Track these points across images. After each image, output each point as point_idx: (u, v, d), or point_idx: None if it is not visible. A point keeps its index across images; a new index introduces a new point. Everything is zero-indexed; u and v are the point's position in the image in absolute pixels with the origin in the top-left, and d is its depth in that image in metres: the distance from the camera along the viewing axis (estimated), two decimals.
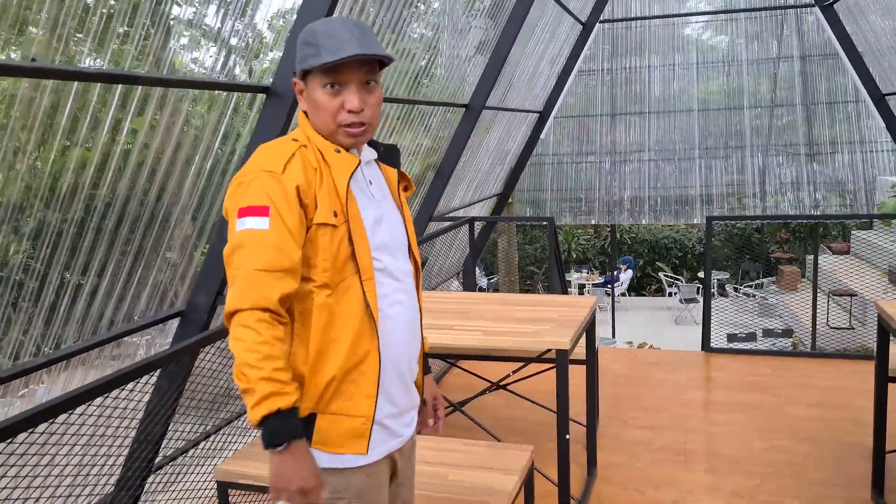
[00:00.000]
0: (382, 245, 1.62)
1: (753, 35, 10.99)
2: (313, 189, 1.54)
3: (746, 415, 4.32)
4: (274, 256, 1.47)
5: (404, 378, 1.66)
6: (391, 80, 5.40)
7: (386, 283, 1.61)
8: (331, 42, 1.53)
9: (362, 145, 1.67)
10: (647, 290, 17.89)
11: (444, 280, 7.44)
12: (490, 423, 4.31)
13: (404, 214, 1.74)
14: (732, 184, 11.13)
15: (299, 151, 1.56)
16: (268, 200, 1.49)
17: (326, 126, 1.58)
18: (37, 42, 2.84)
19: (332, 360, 1.54)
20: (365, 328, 1.56)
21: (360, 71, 1.56)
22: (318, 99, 1.57)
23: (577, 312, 3.37)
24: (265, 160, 1.54)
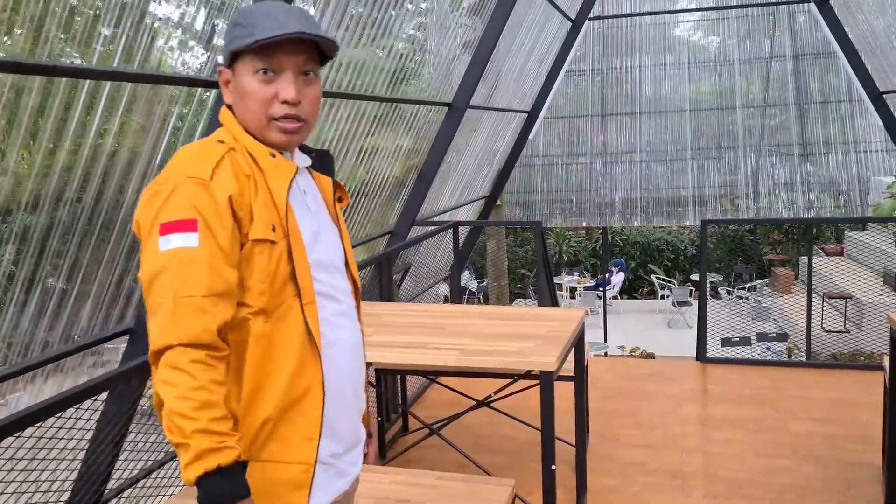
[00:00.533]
0: (321, 263, 1.41)
1: (745, 34, 10.80)
2: (247, 199, 1.31)
3: (746, 431, 4.06)
4: (208, 279, 1.23)
5: (351, 411, 1.45)
6: (371, 77, 5.14)
7: (327, 306, 1.39)
8: (268, 22, 1.31)
9: (295, 148, 1.44)
10: (639, 293, 17.68)
11: (431, 285, 7.18)
12: (472, 442, 4.04)
13: (340, 228, 1.52)
14: (725, 185, 10.93)
15: (228, 155, 1.33)
16: (195, 213, 1.25)
17: (255, 120, 1.35)
18: (21, 44, 2.77)
19: (268, 399, 1.31)
20: (306, 359, 1.34)
21: (299, 58, 1.34)
22: (247, 87, 1.34)
23: (564, 328, 3.10)
24: (188, 165, 1.29)
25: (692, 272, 17.20)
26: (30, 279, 2.64)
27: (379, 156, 5.47)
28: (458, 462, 3.71)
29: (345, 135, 4.94)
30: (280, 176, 1.35)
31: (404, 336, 3.14)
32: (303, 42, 1.33)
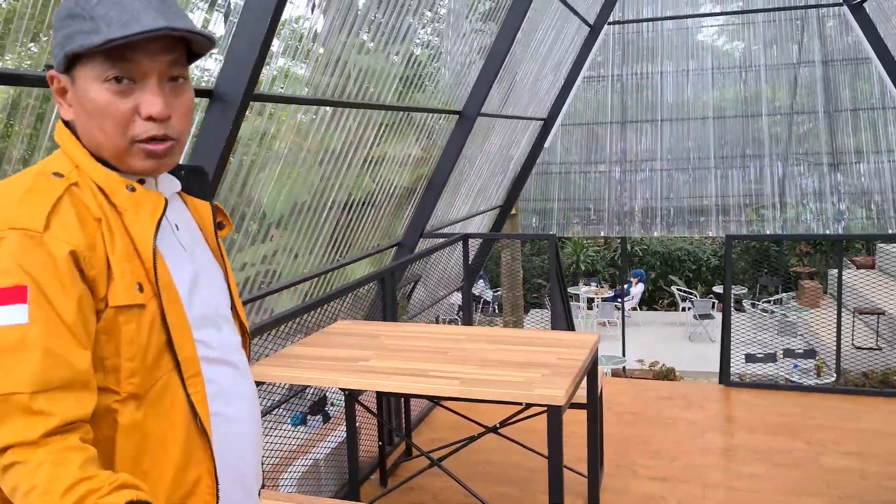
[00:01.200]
0: (204, 318, 1.11)
1: (772, 39, 10.48)
2: (100, 253, 0.99)
3: (773, 465, 3.77)
4: (41, 367, 0.91)
5: (249, 492, 1.19)
6: (381, 84, 4.93)
7: (218, 374, 1.11)
8: (114, 11, 0.99)
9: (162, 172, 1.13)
10: (659, 305, 17.29)
11: (445, 295, 6.94)
12: (479, 469, 3.80)
13: (224, 263, 1.22)
14: (750, 194, 10.59)
15: (68, 195, 1.00)
16: (24, 277, 0.93)
17: (112, 142, 1.03)
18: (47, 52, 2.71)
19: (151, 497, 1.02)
20: (193, 447, 1.05)
21: (164, 60, 1.03)
22: (96, 100, 1.01)
23: (575, 355, 2.85)
24: (14, 210, 0.96)
25: (715, 284, 16.78)
26: None
27: (387, 164, 5.25)
28: (463, 491, 3.47)
29: (351, 144, 4.73)
30: (144, 216, 1.04)
31: (404, 362, 2.92)
32: (167, 39, 1.03)
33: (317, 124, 4.50)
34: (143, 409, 1.01)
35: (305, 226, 4.66)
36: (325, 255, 5.03)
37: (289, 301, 4.73)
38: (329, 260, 5.06)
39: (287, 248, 4.77)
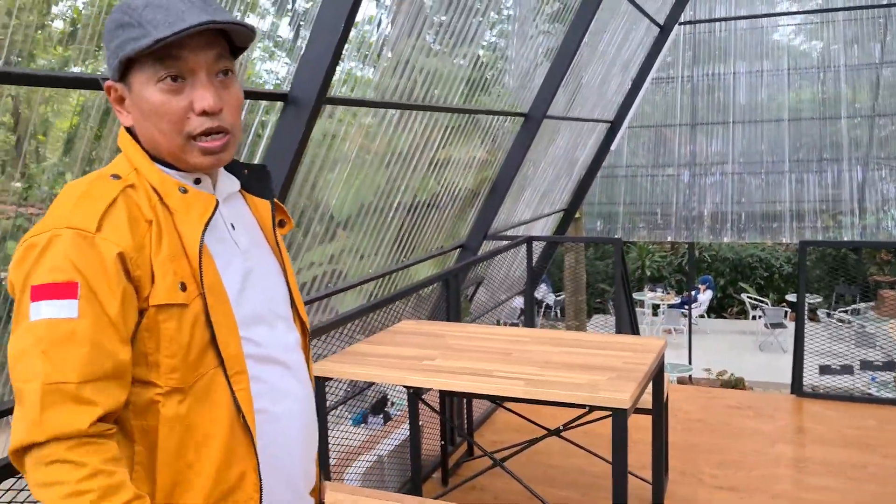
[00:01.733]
0: (256, 317, 1.14)
1: (852, 38, 10.08)
2: (146, 255, 1.04)
3: (847, 479, 3.63)
4: (89, 359, 0.97)
5: (298, 496, 1.20)
6: (447, 87, 4.99)
7: (266, 372, 1.14)
8: (160, 15, 1.03)
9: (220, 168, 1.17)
10: (727, 313, 16.82)
11: (506, 299, 6.95)
12: (541, 472, 3.79)
13: (283, 260, 1.24)
14: (827, 199, 10.21)
15: (123, 196, 1.05)
16: (75, 274, 0.98)
17: (169, 142, 1.08)
18: None
19: (191, 497, 1.06)
20: (237, 443, 1.08)
21: (210, 54, 1.07)
22: (151, 101, 1.06)
23: (641, 359, 2.83)
24: (71, 210, 1.02)
25: (787, 292, 16.20)
26: None
27: (452, 167, 5.30)
28: (525, 493, 3.48)
29: (417, 146, 4.80)
30: (194, 217, 1.08)
31: (469, 362, 2.95)
32: (211, 34, 1.07)
33: (384, 127, 4.59)
34: (186, 403, 1.05)
35: (371, 227, 4.75)
36: (390, 256, 5.12)
37: (353, 301, 4.83)
38: (394, 260, 5.15)
39: (353, 248, 4.88)
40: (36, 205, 3.10)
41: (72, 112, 3.04)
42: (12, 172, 2.91)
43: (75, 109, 3.02)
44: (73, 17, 2.91)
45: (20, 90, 2.77)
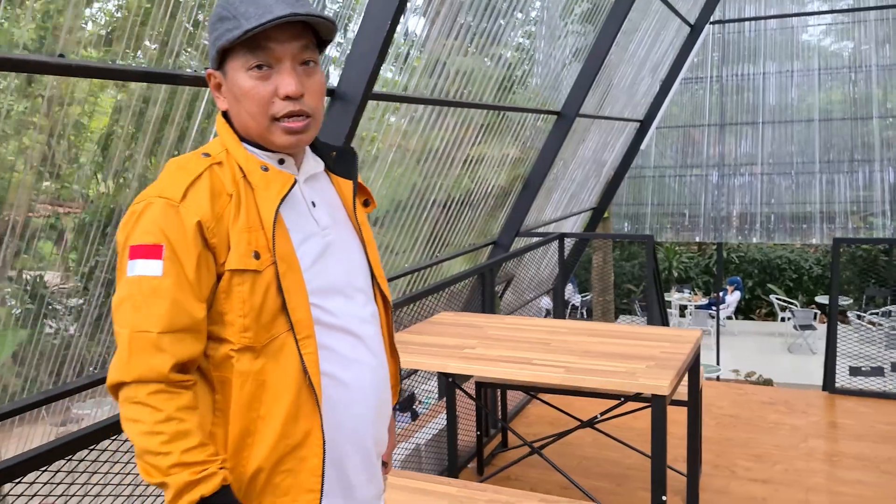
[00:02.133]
0: (329, 287, 1.23)
1: (884, 38, 9.99)
2: (224, 225, 1.15)
3: (881, 473, 3.66)
4: (168, 313, 1.10)
5: (368, 461, 1.28)
6: (479, 86, 5.07)
7: (337, 339, 1.22)
8: (251, 8, 1.15)
9: (303, 150, 1.27)
10: (756, 314, 16.69)
11: (532, 298, 7.01)
12: (575, 463, 3.86)
13: (364, 239, 1.33)
14: (858, 200, 10.13)
15: (209, 172, 1.18)
16: (162, 238, 1.12)
17: (256, 123, 1.19)
18: (149, 55, 2.90)
19: (259, 446, 1.16)
20: (303, 402, 1.17)
21: (295, 45, 1.18)
22: (242, 86, 1.18)
23: (678, 349, 2.89)
24: (165, 182, 1.17)
25: (817, 294, 16.05)
26: None
27: (484, 165, 5.39)
28: (559, 483, 3.55)
29: (452, 143, 4.90)
30: (272, 193, 1.18)
31: (508, 350, 3.03)
32: (297, 27, 1.18)
33: (421, 126, 4.69)
34: (259, 361, 1.16)
35: (406, 223, 4.85)
36: (424, 252, 5.21)
37: None
38: (427, 256, 5.24)
39: (387, 245, 4.98)
40: (65, 204, 3.17)
41: (104, 113, 3.12)
42: (45, 173, 2.99)
43: (106, 110, 3.11)
44: (105, 19, 2.99)
45: (52, 91, 2.85)
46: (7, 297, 3.08)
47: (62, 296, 3.29)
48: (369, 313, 1.30)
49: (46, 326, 3.23)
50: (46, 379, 3.14)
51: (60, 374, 3.16)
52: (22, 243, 2.88)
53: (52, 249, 3.20)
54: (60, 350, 3.15)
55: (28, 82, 2.74)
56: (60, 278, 3.29)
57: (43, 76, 2.61)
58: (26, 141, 2.81)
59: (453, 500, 2.61)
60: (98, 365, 3.27)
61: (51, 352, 3.13)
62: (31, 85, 2.76)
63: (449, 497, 2.63)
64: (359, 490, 1.26)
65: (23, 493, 1.84)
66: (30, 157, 2.80)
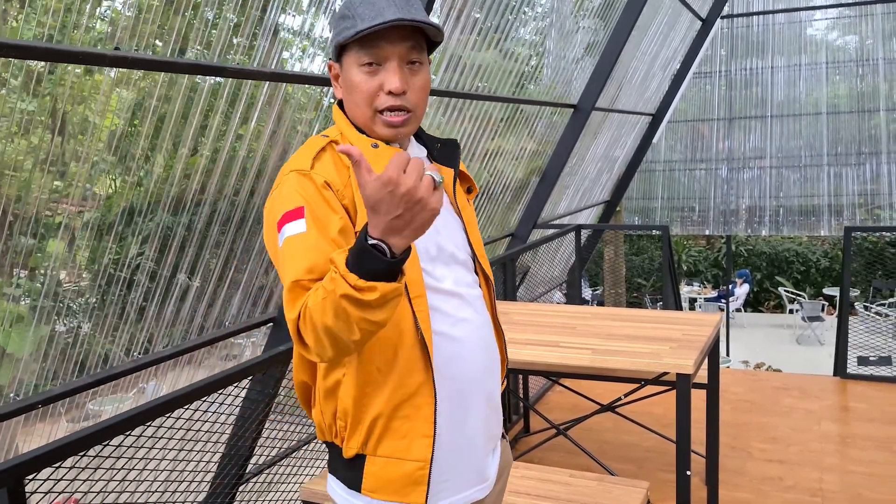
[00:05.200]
0: (435, 256, 1.35)
1: (891, 32, 10.06)
2: (350, 191, 1.29)
3: (892, 453, 3.78)
4: (315, 259, 1.20)
5: (481, 412, 1.38)
6: (495, 80, 5.19)
7: (444, 300, 1.34)
8: (367, 10, 1.27)
9: (406, 139, 1.40)
10: (764, 307, 16.79)
11: (546, 291, 7.13)
12: (596, 447, 3.99)
13: (465, 220, 1.44)
14: (865, 193, 10.21)
15: (329, 147, 1.34)
16: (300, 200, 1.25)
17: (362, 112, 1.33)
18: (159, 53, 2.93)
19: (378, 394, 1.29)
20: (417, 356, 1.29)
21: (403, 46, 1.30)
22: (353, 80, 1.31)
23: (699, 331, 3.01)
24: (294, 161, 1.32)
25: (824, 286, 16.14)
26: (191, 269, 2.86)
27: (502, 158, 5.51)
28: (582, 465, 3.67)
29: (470, 136, 5.02)
30: (382, 164, 1.28)
31: (534, 334, 3.15)
32: (406, 29, 1.29)
33: (443, 121, 4.81)
34: None
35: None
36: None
37: None
38: None
39: None
40: (76, 204, 3.19)
41: (115, 112, 3.15)
42: (52, 172, 3.01)
43: (115, 109, 3.15)
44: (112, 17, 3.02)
45: (58, 89, 2.89)
46: (23, 295, 3.14)
47: (76, 294, 3.35)
48: (471, 280, 1.41)
49: (60, 324, 3.30)
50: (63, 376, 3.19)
51: (76, 371, 3.19)
52: (35, 242, 2.93)
53: (64, 248, 3.21)
54: (74, 348, 3.20)
55: (37, 81, 2.78)
56: (74, 276, 3.35)
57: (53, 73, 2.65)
58: (34, 140, 2.85)
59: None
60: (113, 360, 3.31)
61: (65, 349, 3.18)
62: (39, 84, 2.79)
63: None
64: (473, 435, 1.36)
65: (36, 490, 1.88)
66: (39, 155, 2.84)
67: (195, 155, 3.09)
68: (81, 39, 2.69)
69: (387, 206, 1.05)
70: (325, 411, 1.35)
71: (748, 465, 3.74)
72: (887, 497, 3.32)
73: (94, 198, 3.18)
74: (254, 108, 3.19)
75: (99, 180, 3.22)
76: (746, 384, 4.95)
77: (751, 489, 3.47)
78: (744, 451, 3.90)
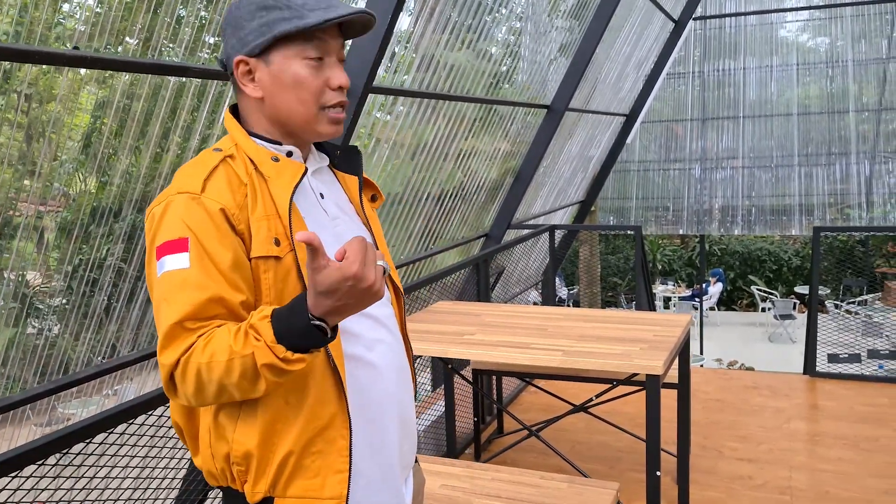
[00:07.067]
0: None
1: (860, 34, 10.24)
2: (245, 213, 1.16)
3: (860, 451, 3.83)
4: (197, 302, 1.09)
5: (397, 436, 1.31)
6: (469, 81, 5.18)
7: (357, 321, 1.24)
8: (312, 2, 1.18)
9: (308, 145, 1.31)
10: (738, 305, 17.00)
11: (522, 290, 7.14)
12: (569, 447, 3.99)
13: (373, 231, 1.37)
14: (835, 193, 10.38)
15: (223, 165, 1.19)
16: (186, 231, 1.12)
17: (305, 110, 1.22)
18: (131, 51, 2.88)
19: (288, 431, 1.18)
20: (329, 385, 1.19)
21: (340, 42, 1.24)
22: (298, 74, 1.20)
23: (670, 332, 3.03)
24: (181, 180, 1.18)
25: (796, 284, 16.37)
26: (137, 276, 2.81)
27: (476, 158, 5.50)
28: (555, 466, 3.68)
29: (444, 136, 5.00)
30: (284, 181, 1.20)
31: (506, 336, 3.15)
32: (338, 26, 1.23)
33: (416, 120, 4.79)
34: None
35: (399, 217, 4.94)
36: (418, 245, 5.32)
37: None
38: (420, 249, 5.34)
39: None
40: (49, 203, 3.12)
41: (83, 110, 3.07)
42: (24, 171, 2.93)
43: (86, 107, 3.07)
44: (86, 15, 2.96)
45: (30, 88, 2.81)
46: None
47: (45, 295, 3.27)
48: (385, 298, 1.33)
49: (29, 326, 3.21)
50: (31, 378, 3.10)
51: (45, 373, 3.11)
52: (3, 242, 2.84)
53: (33, 249, 3.14)
54: (44, 350, 3.11)
55: (5, 78, 2.69)
56: (42, 278, 3.28)
57: (21, 70, 2.58)
58: (2, 139, 2.76)
59: (458, 480, 2.73)
60: (82, 364, 3.25)
61: (34, 352, 3.10)
62: (7, 81, 2.71)
63: (454, 476, 2.75)
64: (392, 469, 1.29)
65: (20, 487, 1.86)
66: (7, 154, 2.75)
67: (163, 153, 3.03)
68: (46, 36, 2.63)
69: (341, 294, 1.03)
70: (216, 455, 1.21)
71: (719, 464, 3.77)
72: (854, 495, 3.37)
73: (64, 196, 3.11)
74: (222, 105, 3.15)
75: (69, 180, 3.16)
76: (717, 383, 4.99)
77: (721, 488, 3.50)
78: (715, 450, 3.93)
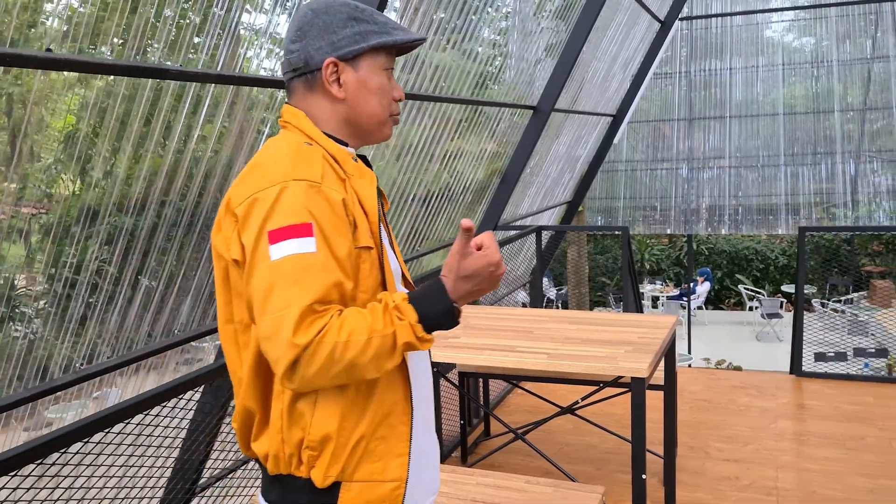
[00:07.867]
0: (396, 272, 1.37)
1: (844, 34, 10.30)
2: (350, 206, 1.23)
3: (846, 450, 3.85)
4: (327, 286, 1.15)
5: (432, 420, 1.42)
6: (455, 81, 5.16)
7: None
8: (389, 20, 1.34)
9: None
10: (725, 304, 17.07)
11: (510, 291, 7.13)
12: (556, 449, 3.98)
13: (389, 234, 1.44)
14: (821, 192, 10.43)
15: (324, 158, 1.25)
16: (308, 216, 1.15)
17: (380, 113, 1.33)
18: (115, 51, 2.85)
19: (361, 416, 1.25)
20: (394, 372, 1.28)
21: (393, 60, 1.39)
22: (381, 83, 1.32)
23: (655, 334, 3.02)
24: (291, 167, 1.19)
25: (783, 283, 16.47)
26: (135, 278, 2.77)
27: (462, 159, 5.48)
28: (542, 468, 3.67)
29: (430, 137, 4.98)
30: (366, 182, 1.29)
31: (491, 339, 3.14)
32: None
33: (401, 121, 4.76)
34: None
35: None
36: (404, 247, 5.29)
37: None
38: (407, 251, 5.32)
39: None
40: (33, 204, 3.08)
41: (67, 111, 3.04)
42: (6, 173, 2.90)
43: (70, 108, 3.04)
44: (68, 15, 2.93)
45: (14, 88, 2.77)
46: None
47: (30, 298, 3.24)
48: None
49: (13, 330, 3.18)
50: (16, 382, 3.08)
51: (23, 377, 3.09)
52: None
53: (18, 251, 3.12)
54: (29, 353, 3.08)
55: None
56: (27, 280, 3.24)
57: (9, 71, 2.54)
58: None
59: (443, 485, 2.71)
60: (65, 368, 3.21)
61: (18, 355, 3.06)
62: None
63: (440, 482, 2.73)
64: (428, 449, 1.37)
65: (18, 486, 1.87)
66: None
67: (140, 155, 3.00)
68: (26, 35, 2.59)
69: (481, 279, 1.20)
70: (288, 440, 1.24)
71: (706, 464, 3.77)
72: (841, 494, 3.38)
73: (49, 199, 3.08)
74: (201, 107, 3.11)
75: (54, 182, 3.13)
76: (704, 383, 5.00)
77: (708, 489, 3.50)
78: (701, 450, 3.94)
